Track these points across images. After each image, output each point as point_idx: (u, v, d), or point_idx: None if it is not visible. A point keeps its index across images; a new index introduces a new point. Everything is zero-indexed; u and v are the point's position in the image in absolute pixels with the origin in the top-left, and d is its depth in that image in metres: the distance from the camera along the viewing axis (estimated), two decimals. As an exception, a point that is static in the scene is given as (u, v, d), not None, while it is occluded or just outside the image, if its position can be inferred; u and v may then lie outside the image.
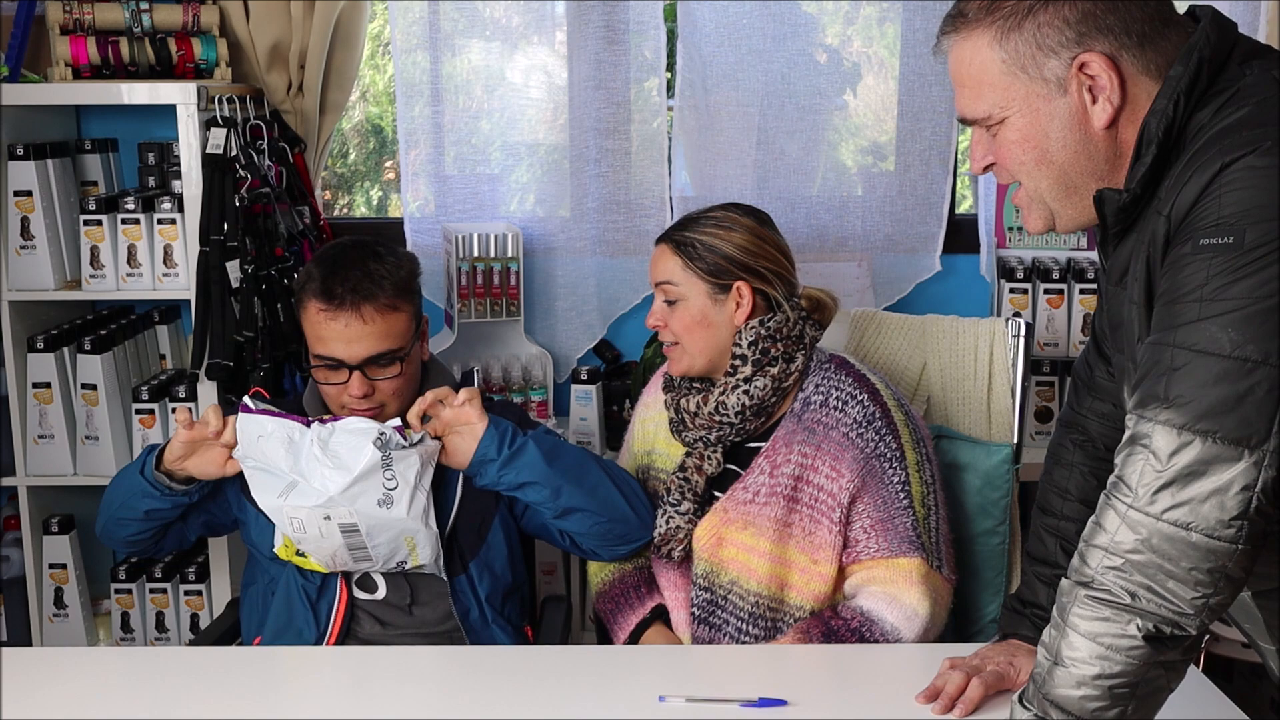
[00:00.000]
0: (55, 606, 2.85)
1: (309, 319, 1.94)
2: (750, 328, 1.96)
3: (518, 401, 2.98)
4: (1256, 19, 2.92)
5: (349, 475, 1.80)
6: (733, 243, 1.97)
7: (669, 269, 1.99)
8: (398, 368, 1.94)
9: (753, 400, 1.95)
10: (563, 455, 1.96)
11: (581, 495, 1.94)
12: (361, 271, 1.92)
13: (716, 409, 1.96)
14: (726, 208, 2.04)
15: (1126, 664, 1.23)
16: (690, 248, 1.97)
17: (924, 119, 3.04)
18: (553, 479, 1.92)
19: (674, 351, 2.02)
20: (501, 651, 1.85)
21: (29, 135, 2.75)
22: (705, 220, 2.01)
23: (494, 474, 1.91)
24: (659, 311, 2.02)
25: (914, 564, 1.87)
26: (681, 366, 2.01)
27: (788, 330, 1.97)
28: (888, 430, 1.92)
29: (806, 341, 2.00)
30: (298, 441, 1.83)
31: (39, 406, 2.77)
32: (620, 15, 2.96)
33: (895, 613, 1.86)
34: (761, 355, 1.95)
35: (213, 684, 1.68)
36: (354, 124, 3.89)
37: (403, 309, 1.95)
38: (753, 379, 1.95)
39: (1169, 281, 1.25)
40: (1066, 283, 2.97)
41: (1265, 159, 1.21)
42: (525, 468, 1.91)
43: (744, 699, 1.61)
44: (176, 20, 2.75)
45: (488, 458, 1.90)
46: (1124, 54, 1.32)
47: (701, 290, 1.97)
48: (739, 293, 1.96)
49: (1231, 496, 1.18)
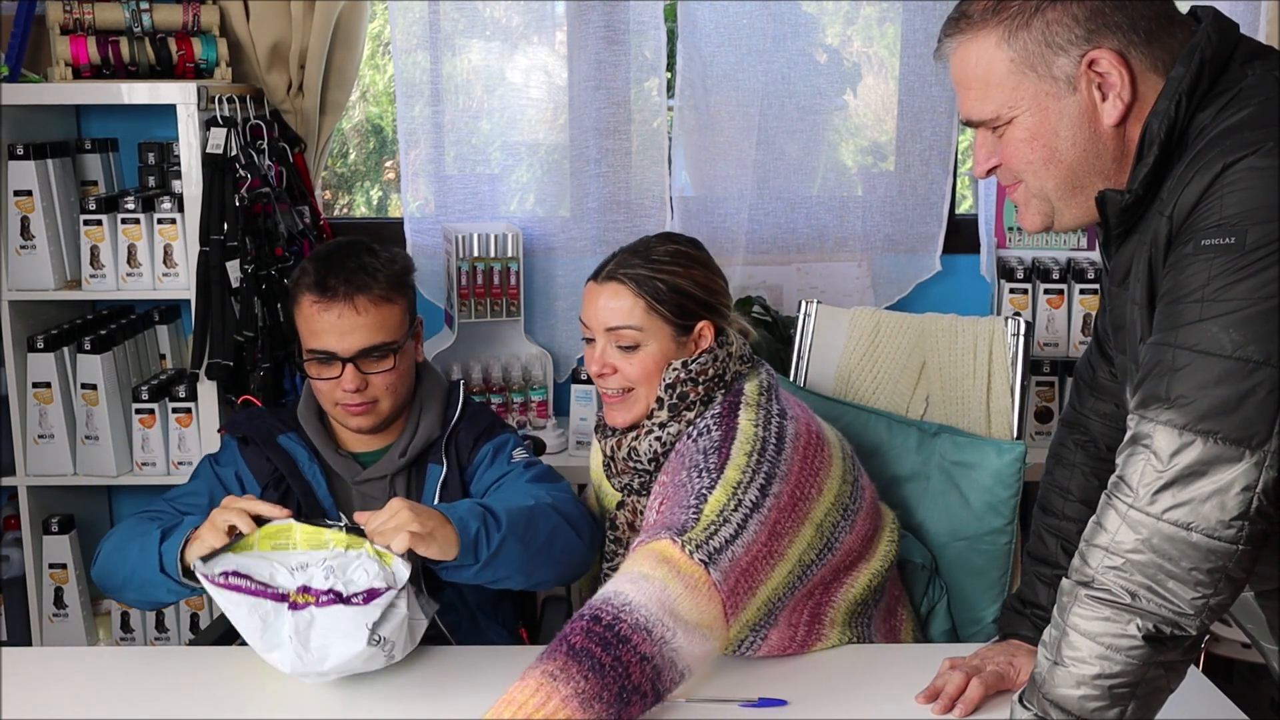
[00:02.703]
0: (55, 606, 2.85)
1: (303, 313, 1.93)
2: (672, 369, 1.81)
3: (518, 401, 2.98)
4: (1257, 19, 2.92)
5: (336, 662, 1.61)
6: (694, 280, 1.84)
7: (628, 312, 1.82)
8: (390, 361, 1.93)
9: (664, 446, 1.81)
10: (536, 533, 1.77)
11: (550, 566, 1.81)
12: (356, 264, 1.92)
13: (630, 455, 1.85)
14: (669, 238, 1.90)
15: (1126, 664, 1.23)
16: (652, 288, 1.81)
17: (924, 119, 3.04)
18: (528, 564, 1.76)
19: (623, 401, 1.84)
20: (500, 651, 1.84)
21: (29, 135, 2.75)
22: (656, 256, 1.84)
23: (470, 576, 1.73)
24: (608, 357, 1.83)
25: (659, 545, 1.58)
26: (633, 415, 1.84)
27: (714, 370, 1.82)
28: (714, 450, 1.71)
29: (728, 379, 1.84)
30: (273, 623, 1.61)
31: (39, 406, 2.77)
32: (620, 15, 2.96)
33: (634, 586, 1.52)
34: (679, 400, 1.81)
35: (213, 684, 1.68)
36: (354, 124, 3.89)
37: (396, 301, 1.94)
38: (667, 424, 1.81)
39: (1171, 282, 1.26)
40: (1066, 283, 2.97)
41: (1267, 160, 1.21)
42: (503, 565, 1.73)
43: (744, 699, 1.61)
44: (176, 20, 2.75)
45: (464, 563, 1.70)
46: (1132, 50, 1.32)
47: (666, 334, 1.82)
48: (700, 333, 1.84)
49: (1232, 497, 1.18)
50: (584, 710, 1.40)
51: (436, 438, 2.00)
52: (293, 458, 1.98)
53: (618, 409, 1.86)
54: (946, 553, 2.15)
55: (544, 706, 1.39)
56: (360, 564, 1.63)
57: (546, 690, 1.40)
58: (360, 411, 1.93)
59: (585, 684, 1.41)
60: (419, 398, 2.02)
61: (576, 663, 1.42)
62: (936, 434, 2.19)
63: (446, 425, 2.01)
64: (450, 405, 2.03)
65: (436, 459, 1.99)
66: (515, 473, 1.95)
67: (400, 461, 1.98)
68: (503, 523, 1.73)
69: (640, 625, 1.47)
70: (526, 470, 1.95)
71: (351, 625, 1.59)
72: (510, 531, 1.73)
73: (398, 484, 2.00)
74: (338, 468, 1.99)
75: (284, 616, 1.60)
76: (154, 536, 1.75)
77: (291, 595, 1.62)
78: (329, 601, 1.60)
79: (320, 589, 1.62)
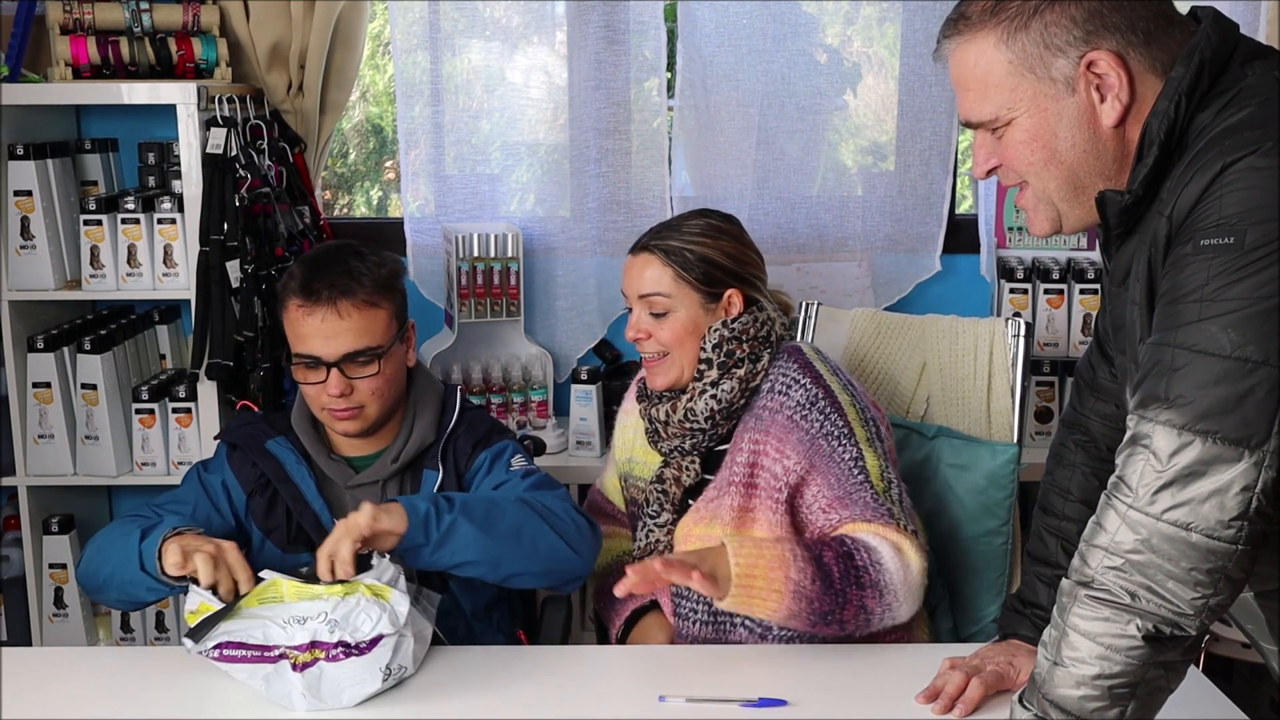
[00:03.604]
0: (55, 606, 2.85)
1: (289, 318, 1.92)
2: (714, 330, 1.95)
3: (518, 401, 2.98)
4: (1257, 19, 2.92)
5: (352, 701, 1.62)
6: (722, 251, 1.97)
7: (658, 280, 1.96)
8: (375, 366, 1.92)
9: (721, 404, 1.94)
10: (498, 520, 1.78)
11: (522, 559, 1.79)
12: (341, 268, 1.91)
13: (686, 416, 1.95)
14: (702, 214, 2.03)
15: (1126, 664, 1.23)
16: (680, 257, 1.95)
17: (924, 119, 3.04)
18: (490, 550, 1.76)
19: (660, 364, 1.98)
20: (501, 651, 1.84)
21: (29, 135, 2.75)
22: (688, 229, 1.99)
23: (426, 558, 1.74)
24: (643, 323, 1.98)
25: (887, 526, 1.80)
26: (669, 379, 1.98)
27: (755, 330, 1.96)
28: (832, 409, 1.89)
29: (773, 340, 1.98)
30: (276, 681, 1.61)
31: (39, 406, 2.77)
32: (620, 15, 2.96)
33: (891, 552, 1.77)
34: (726, 358, 1.94)
35: (212, 684, 1.68)
36: (354, 124, 3.89)
37: (382, 306, 1.93)
38: (719, 382, 1.94)
39: (1170, 282, 1.26)
40: (1067, 283, 2.97)
41: (1266, 160, 1.21)
42: (460, 549, 1.74)
43: (744, 699, 1.61)
44: (176, 20, 2.75)
45: (415, 543, 1.72)
46: (1131, 51, 1.32)
47: (694, 300, 1.96)
48: (729, 300, 1.97)
49: (1232, 497, 1.18)
50: (794, 600, 1.69)
51: (431, 443, 2.00)
52: (280, 462, 1.97)
53: (656, 372, 1.99)
54: (945, 554, 2.15)
55: (773, 571, 1.68)
56: (362, 609, 1.62)
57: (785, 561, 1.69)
58: (347, 416, 1.93)
59: (809, 584, 1.70)
60: (412, 402, 2.01)
61: (816, 567, 1.71)
62: (935, 436, 2.19)
63: (442, 430, 2.00)
64: (447, 410, 2.03)
65: (432, 464, 1.99)
66: (513, 481, 1.94)
67: (393, 467, 1.97)
68: (455, 505, 1.75)
69: (877, 585, 1.75)
70: (525, 479, 1.94)
71: (365, 672, 1.60)
72: (463, 514, 1.74)
73: (391, 489, 1.99)
74: (330, 472, 1.99)
75: (286, 675, 1.59)
76: (134, 536, 1.76)
77: (292, 655, 1.60)
78: (341, 656, 1.60)
79: (329, 642, 1.60)
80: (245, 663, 1.61)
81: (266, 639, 1.61)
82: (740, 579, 1.66)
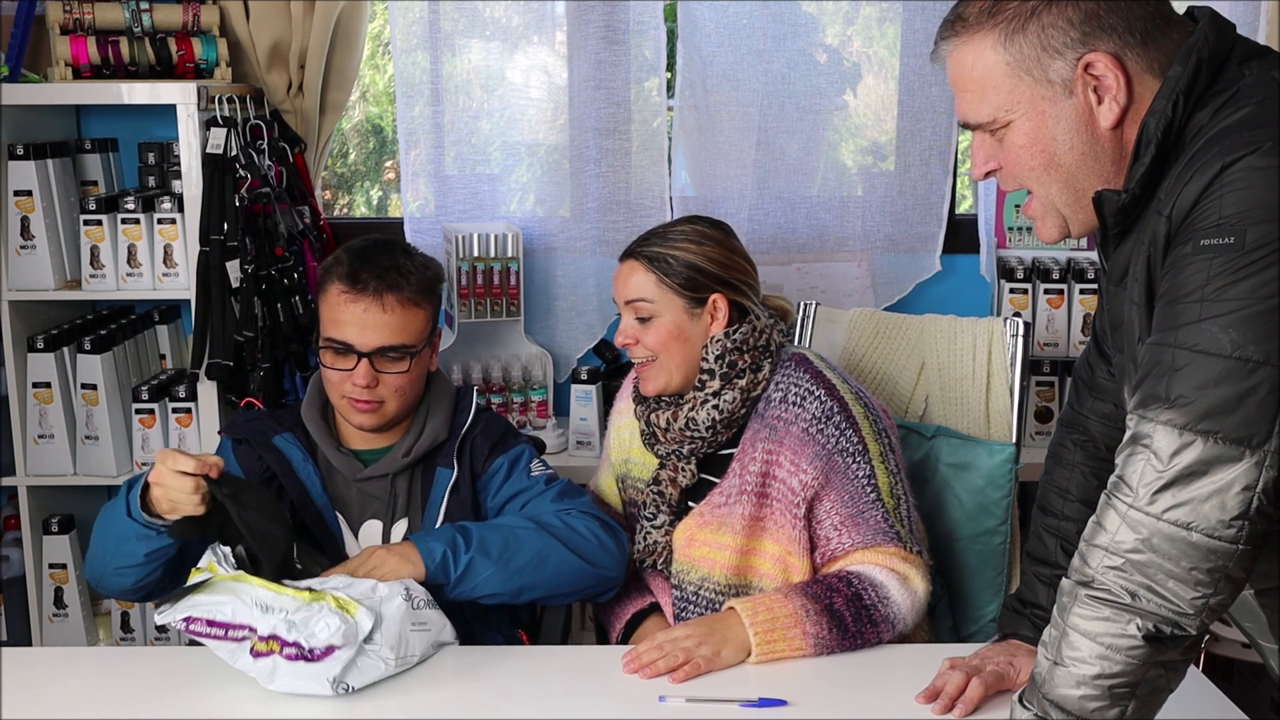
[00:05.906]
0: (55, 606, 2.85)
1: (328, 301, 1.94)
2: (716, 341, 1.95)
3: (518, 401, 2.98)
4: (1256, 19, 2.91)
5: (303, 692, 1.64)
6: (705, 256, 1.96)
7: (641, 285, 1.96)
8: (406, 364, 1.94)
9: (722, 414, 1.94)
10: (517, 553, 1.84)
11: (544, 585, 1.86)
12: (390, 262, 1.93)
13: (687, 424, 1.96)
14: (689, 220, 2.03)
15: (1126, 664, 1.23)
16: (663, 263, 1.95)
17: (924, 119, 3.04)
18: (510, 582, 1.83)
19: (649, 370, 1.98)
20: (501, 651, 1.84)
21: (29, 135, 2.75)
22: (672, 235, 1.98)
23: (447, 595, 1.81)
24: (630, 329, 1.98)
25: (894, 550, 1.86)
26: (658, 385, 1.98)
27: (754, 340, 1.96)
28: (847, 424, 1.90)
29: (773, 348, 1.98)
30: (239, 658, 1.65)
31: (39, 406, 2.77)
32: (620, 15, 2.96)
33: (898, 585, 1.83)
34: (729, 368, 1.94)
35: (213, 684, 1.68)
36: (354, 124, 3.89)
37: (423, 307, 1.96)
38: (721, 392, 1.94)
39: (1170, 282, 1.25)
40: (1066, 283, 2.97)
41: (1266, 159, 1.21)
42: (480, 584, 1.82)
43: (744, 699, 1.61)
44: (176, 20, 2.75)
45: (435, 583, 1.80)
46: (1128, 53, 1.32)
47: (677, 305, 1.95)
48: (714, 305, 1.96)
49: (1232, 496, 1.18)
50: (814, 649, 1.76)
51: (443, 441, 2.01)
52: (286, 457, 1.98)
53: (646, 377, 2.00)
54: (944, 553, 2.15)
55: (790, 629, 1.75)
56: (322, 618, 1.63)
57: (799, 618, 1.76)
58: (366, 409, 1.94)
59: (827, 634, 1.77)
60: (426, 401, 2.03)
61: (829, 617, 1.77)
62: (933, 436, 2.20)
63: (456, 429, 2.02)
64: (460, 410, 2.04)
65: (446, 463, 2.00)
66: (538, 489, 1.98)
67: (403, 461, 1.98)
68: (472, 542, 1.82)
69: (888, 619, 1.81)
70: (549, 488, 1.98)
71: (312, 681, 1.62)
72: (479, 551, 1.82)
73: (400, 484, 2.00)
74: (338, 464, 1.99)
75: (244, 660, 1.64)
76: (120, 497, 1.82)
77: (252, 640, 1.63)
78: (293, 656, 1.62)
79: (286, 639, 1.62)
80: (210, 639, 1.65)
81: (234, 617, 1.65)
82: (761, 645, 1.73)
